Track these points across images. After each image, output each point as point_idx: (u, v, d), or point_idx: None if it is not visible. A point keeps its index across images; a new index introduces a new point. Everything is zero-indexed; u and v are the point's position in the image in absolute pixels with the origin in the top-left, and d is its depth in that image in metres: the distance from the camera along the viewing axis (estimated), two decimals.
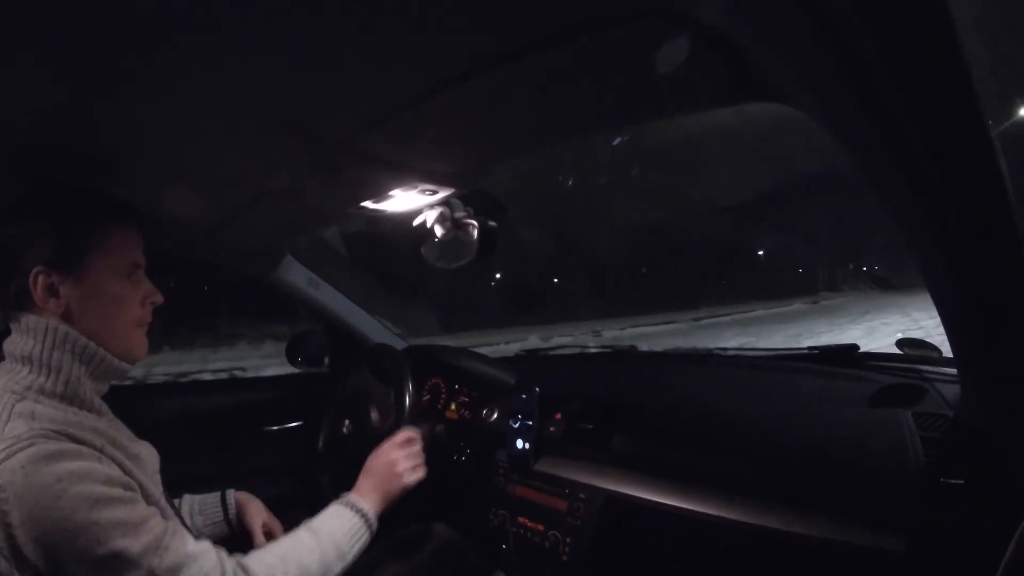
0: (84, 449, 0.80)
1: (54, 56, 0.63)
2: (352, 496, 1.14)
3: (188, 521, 1.19)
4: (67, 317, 0.88)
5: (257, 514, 1.29)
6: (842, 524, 0.95)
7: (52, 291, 0.87)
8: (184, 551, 0.83)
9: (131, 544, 0.77)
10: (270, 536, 1.26)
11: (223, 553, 0.89)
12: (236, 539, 1.23)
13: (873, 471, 1.01)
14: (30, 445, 0.75)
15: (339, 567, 1.03)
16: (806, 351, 1.50)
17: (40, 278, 0.85)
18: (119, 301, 0.93)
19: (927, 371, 1.20)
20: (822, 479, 1.04)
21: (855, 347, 1.41)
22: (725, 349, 1.72)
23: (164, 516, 0.87)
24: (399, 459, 1.24)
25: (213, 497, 1.28)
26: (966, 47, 0.45)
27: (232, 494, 1.30)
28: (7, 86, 0.70)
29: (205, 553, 0.86)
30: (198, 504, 1.26)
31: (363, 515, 1.11)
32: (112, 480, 0.80)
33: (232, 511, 1.28)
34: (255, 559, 0.94)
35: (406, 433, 1.31)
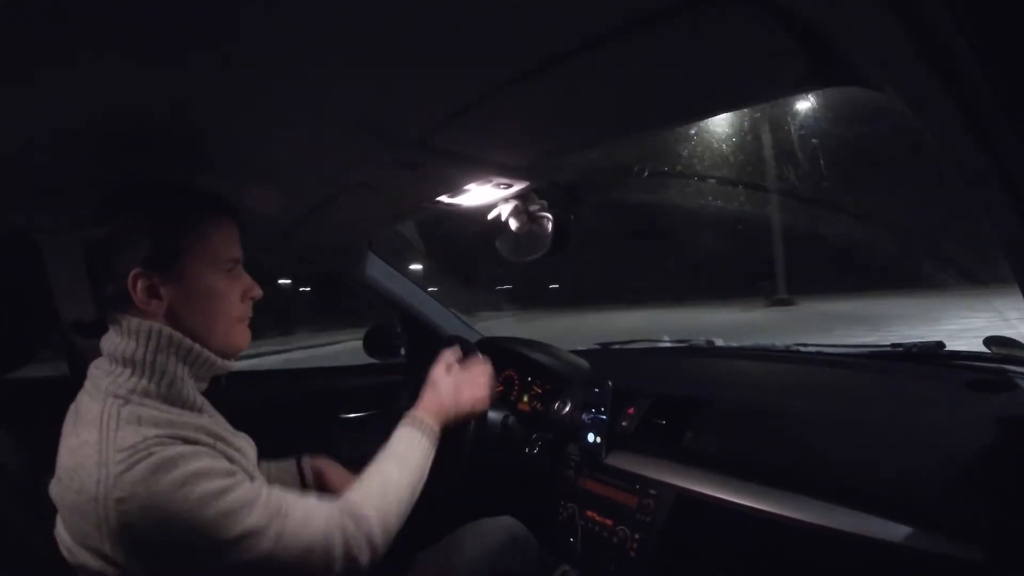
0: (199, 448, 0.81)
1: (142, 52, 0.66)
2: (419, 414, 1.17)
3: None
4: (169, 316, 0.87)
5: (339, 477, 1.31)
6: (919, 530, 0.91)
7: (152, 292, 0.86)
8: (301, 509, 0.88)
9: (257, 519, 0.81)
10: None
11: (330, 502, 0.93)
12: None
13: (954, 477, 0.96)
14: (148, 455, 0.75)
15: (420, 486, 1.08)
16: (889, 348, 1.44)
17: (140, 281, 0.85)
18: (220, 298, 0.92)
19: (1015, 371, 1.13)
20: (900, 483, 0.99)
21: (941, 344, 1.34)
22: (806, 345, 1.67)
23: None
24: (464, 383, 1.27)
25: (288, 463, 1.31)
26: None
27: (308, 461, 1.33)
28: (94, 82, 0.73)
29: (318, 507, 0.91)
30: (275, 471, 1.28)
31: (431, 435, 1.15)
32: (229, 471, 0.83)
33: (309, 476, 1.31)
34: (356, 499, 0.96)
35: (479, 363, 1.33)
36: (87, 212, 0.88)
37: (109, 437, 0.77)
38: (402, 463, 1.07)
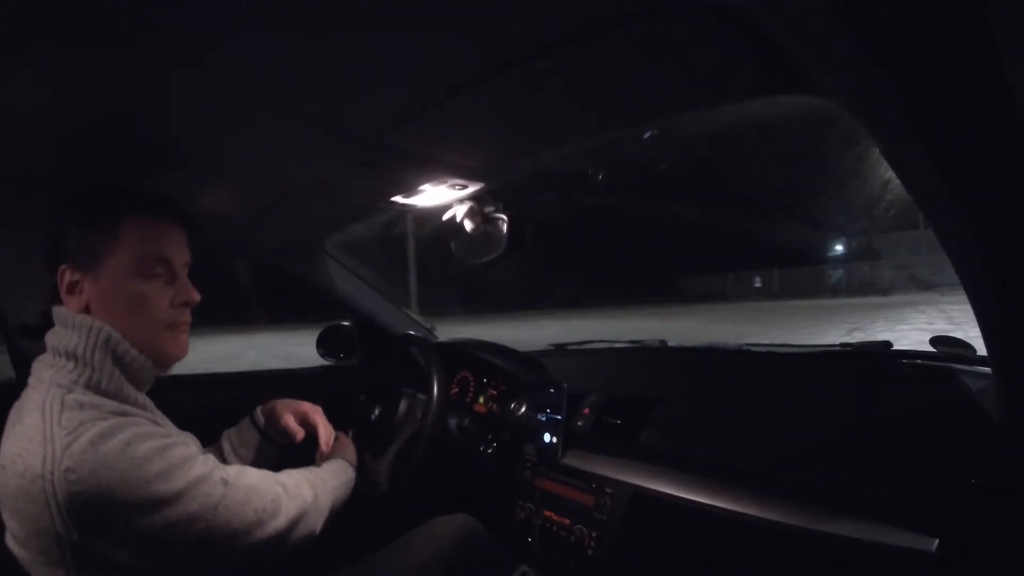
0: (136, 419, 0.84)
1: (87, 48, 0.64)
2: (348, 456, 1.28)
3: (232, 456, 1.26)
4: (97, 315, 0.89)
5: (284, 410, 1.30)
6: (872, 524, 0.94)
7: (72, 288, 0.89)
8: (244, 472, 0.96)
9: (201, 468, 0.86)
10: (307, 425, 1.31)
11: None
12: (288, 458, 1.27)
13: (904, 471, 0.99)
14: (92, 425, 0.78)
15: (343, 495, 1.17)
16: (839, 348, 1.48)
17: (66, 275, 0.88)
18: (141, 302, 0.91)
19: (961, 370, 1.18)
20: (853, 478, 1.03)
21: (888, 344, 1.39)
22: (757, 344, 1.71)
23: None
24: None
25: (245, 424, 1.31)
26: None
27: (259, 411, 1.31)
28: (40, 78, 0.70)
29: (259, 473, 0.99)
30: (235, 437, 1.29)
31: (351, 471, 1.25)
32: (166, 433, 0.86)
33: (261, 422, 1.30)
34: (292, 480, 1.04)
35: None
36: (30, 211, 0.86)
37: (53, 419, 0.78)
38: (331, 471, 1.17)
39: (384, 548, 1.33)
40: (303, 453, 1.27)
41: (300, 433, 1.27)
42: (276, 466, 1.10)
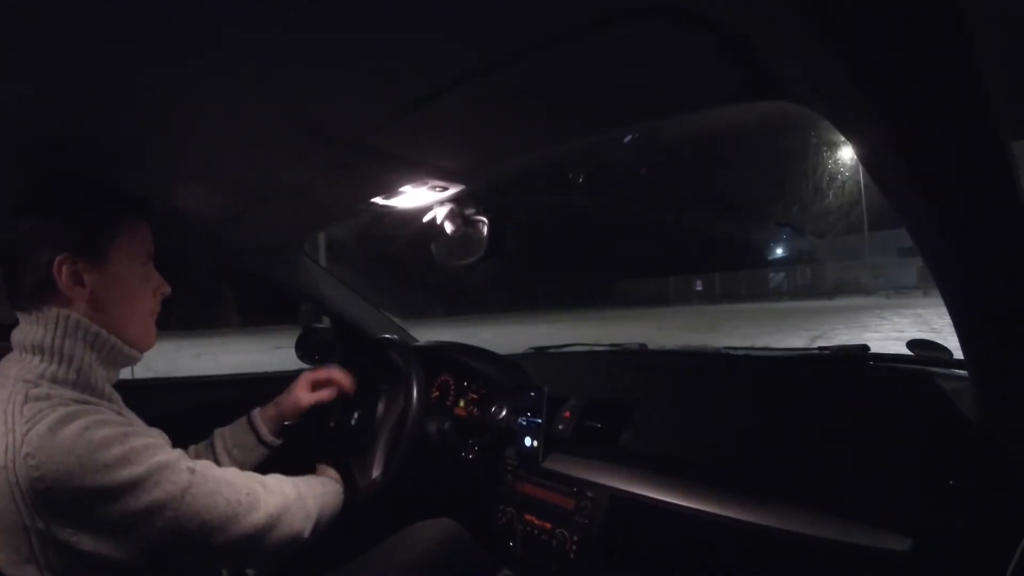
0: (100, 407, 0.84)
1: (66, 47, 0.63)
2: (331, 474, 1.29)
3: (225, 457, 1.27)
4: (92, 304, 0.90)
5: (297, 386, 1.40)
6: (848, 525, 0.95)
7: (77, 279, 0.89)
8: (213, 467, 0.94)
9: (164, 456, 0.85)
10: (319, 387, 1.43)
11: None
12: (276, 460, 1.30)
13: (880, 472, 1.00)
14: (51, 411, 0.78)
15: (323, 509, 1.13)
16: (816, 351, 1.50)
17: (65, 267, 0.87)
18: (136, 289, 0.97)
19: (937, 372, 1.19)
20: (829, 479, 1.04)
21: (865, 348, 1.41)
22: (736, 348, 1.72)
23: None
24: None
25: (240, 425, 1.33)
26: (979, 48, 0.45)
27: (257, 413, 1.35)
28: (16, 77, 0.69)
29: (231, 470, 0.99)
30: (229, 437, 1.31)
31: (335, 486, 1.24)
32: (129, 422, 0.87)
33: (264, 433, 1.33)
34: (273, 482, 1.03)
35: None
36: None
37: (15, 411, 0.78)
38: (317, 480, 1.18)
39: (365, 553, 1.32)
40: (292, 460, 1.27)
41: (314, 399, 1.39)
42: (265, 470, 1.09)
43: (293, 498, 1.02)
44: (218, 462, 1.23)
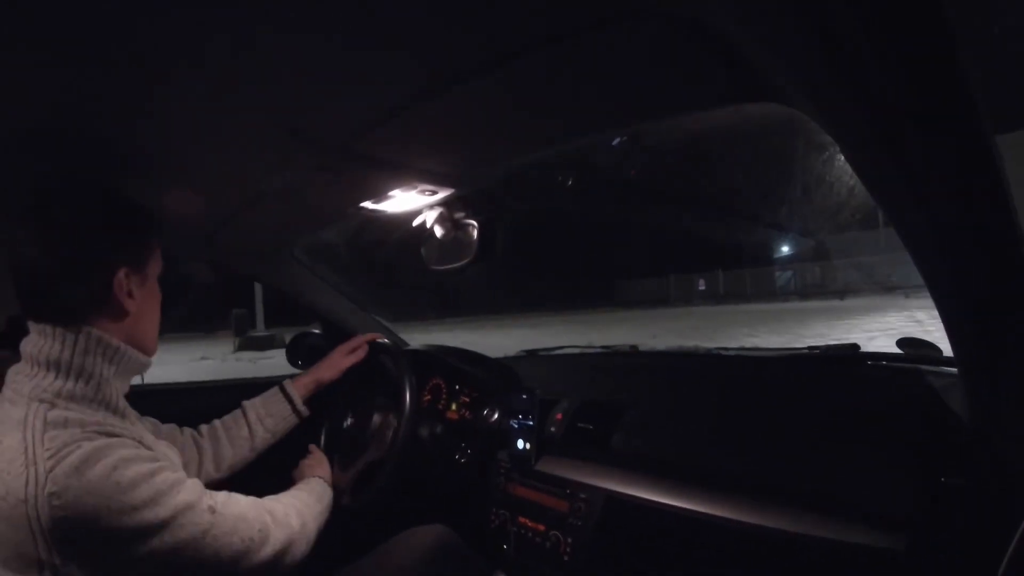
0: (124, 440, 0.83)
1: (57, 53, 0.63)
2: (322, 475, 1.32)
3: (259, 426, 1.34)
4: (122, 316, 0.91)
5: (339, 353, 1.53)
6: (841, 523, 0.95)
7: (130, 293, 0.91)
8: (231, 499, 0.95)
9: (188, 495, 0.85)
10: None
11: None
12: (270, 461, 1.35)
13: (873, 470, 1.01)
14: (77, 448, 0.76)
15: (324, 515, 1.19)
16: (807, 351, 1.50)
17: (125, 281, 0.90)
18: (158, 301, 1.01)
19: (927, 370, 1.20)
20: (822, 479, 1.04)
21: (856, 347, 1.41)
22: (727, 348, 1.72)
23: None
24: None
25: (273, 394, 1.43)
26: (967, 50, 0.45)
27: (289, 384, 1.44)
28: (6, 82, 0.69)
29: (246, 499, 0.99)
30: (261, 407, 1.39)
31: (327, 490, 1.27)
32: (153, 457, 0.85)
33: (298, 403, 1.42)
34: (278, 506, 1.05)
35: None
36: None
37: (35, 439, 0.76)
38: (315, 495, 1.19)
39: (359, 560, 1.32)
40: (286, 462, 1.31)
41: (351, 361, 1.54)
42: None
43: (298, 528, 1.03)
44: (251, 431, 1.35)
